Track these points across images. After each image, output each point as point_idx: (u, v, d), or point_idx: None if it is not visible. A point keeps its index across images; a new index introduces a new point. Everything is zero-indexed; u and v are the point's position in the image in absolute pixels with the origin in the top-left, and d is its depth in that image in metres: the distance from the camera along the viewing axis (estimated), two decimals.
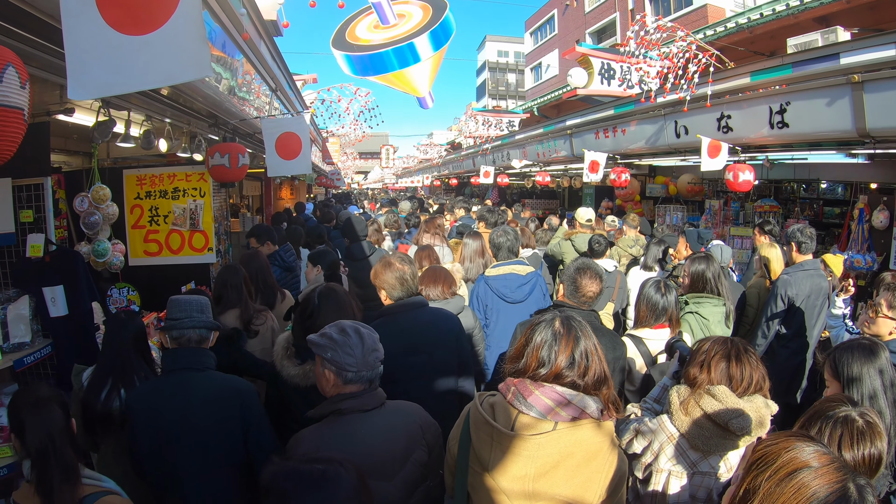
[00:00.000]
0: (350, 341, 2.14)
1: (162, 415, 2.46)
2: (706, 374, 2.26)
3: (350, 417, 2.11)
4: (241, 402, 2.53)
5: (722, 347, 2.31)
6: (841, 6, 7.10)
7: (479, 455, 1.93)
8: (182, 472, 2.46)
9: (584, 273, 3.26)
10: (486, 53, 56.12)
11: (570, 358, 1.88)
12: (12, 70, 1.96)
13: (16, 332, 3.63)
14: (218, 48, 3.58)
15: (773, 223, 5.97)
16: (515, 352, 1.99)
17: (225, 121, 5.43)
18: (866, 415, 1.88)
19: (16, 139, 2.03)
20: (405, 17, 4.46)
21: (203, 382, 2.54)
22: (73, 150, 6.27)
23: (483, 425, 1.92)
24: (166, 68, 2.11)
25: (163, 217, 5.59)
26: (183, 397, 2.47)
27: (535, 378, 1.89)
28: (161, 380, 2.62)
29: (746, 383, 2.22)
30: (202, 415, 2.46)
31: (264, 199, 12.75)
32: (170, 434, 2.44)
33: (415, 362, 3.07)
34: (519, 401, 1.87)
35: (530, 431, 1.84)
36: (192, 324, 2.62)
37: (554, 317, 1.98)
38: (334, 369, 2.13)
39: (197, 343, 2.64)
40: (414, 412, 2.32)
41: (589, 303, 3.27)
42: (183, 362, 2.56)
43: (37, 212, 3.97)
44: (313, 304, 2.88)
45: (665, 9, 22.09)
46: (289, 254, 5.81)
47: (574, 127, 9.99)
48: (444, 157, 24.71)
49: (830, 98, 5.12)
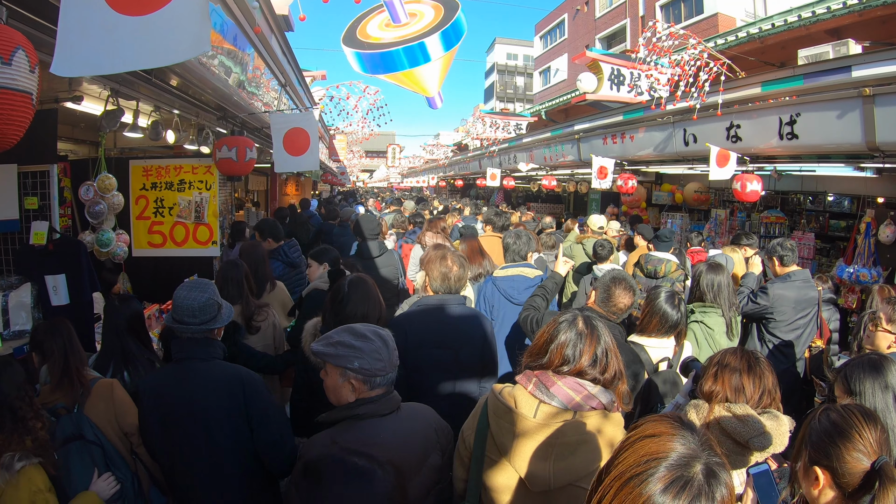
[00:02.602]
0: (375, 345, 2.06)
1: (167, 400, 2.54)
2: (720, 386, 2.25)
3: (367, 423, 2.04)
4: (244, 391, 2.56)
5: (733, 358, 2.30)
6: (853, 19, 7.09)
7: (500, 443, 1.99)
8: (187, 455, 2.54)
9: (619, 283, 3.29)
10: (496, 56, 56.08)
11: (592, 357, 1.97)
12: (22, 53, 1.94)
13: (17, 319, 3.63)
14: (229, 41, 3.57)
15: (752, 235, 5.97)
16: (537, 347, 2.06)
17: (233, 114, 5.43)
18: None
19: (23, 124, 2.00)
20: (417, 16, 4.45)
21: (208, 370, 2.59)
22: (80, 138, 6.27)
23: (505, 413, 1.98)
24: (161, 49, 2.08)
25: (168, 209, 5.58)
26: (188, 384, 2.54)
27: (558, 373, 1.97)
28: (169, 367, 2.69)
29: (760, 392, 2.21)
30: (205, 401, 2.52)
31: (269, 195, 12.75)
32: (175, 418, 2.52)
33: (440, 355, 3.16)
34: (541, 391, 1.95)
35: (552, 419, 1.92)
36: (197, 331, 2.66)
37: (576, 316, 2.06)
38: (362, 378, 2.04)
39: (203, 336, 2.68)
40: (428, 415, 2.28)
41: (619, 314, 3.28)
42: (190, 352, 2.62)
43: (42, 199, 3.97)
44: (343, 292, 2.93)
45: (676, 16, 22.07)
46: (293, 250, 5.79)
47: (582, 132, 9.98)
48: (450, 159, 24.68)
49: (841, 110, 5.11)
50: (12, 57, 1.90)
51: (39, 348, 2.76)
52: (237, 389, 2.56)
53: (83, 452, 2.58)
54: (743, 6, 19.78)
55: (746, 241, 5.83)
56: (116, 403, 2.75)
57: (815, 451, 1.74)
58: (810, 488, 1.74)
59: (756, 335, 4.80)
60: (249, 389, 2.57)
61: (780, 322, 4.62)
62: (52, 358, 2.69)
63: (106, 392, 2.74)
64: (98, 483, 2.55)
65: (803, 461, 1.78)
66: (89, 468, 2.57)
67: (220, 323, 2.74)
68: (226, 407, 2.53)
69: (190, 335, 2.62)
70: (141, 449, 2.80)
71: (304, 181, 16.25)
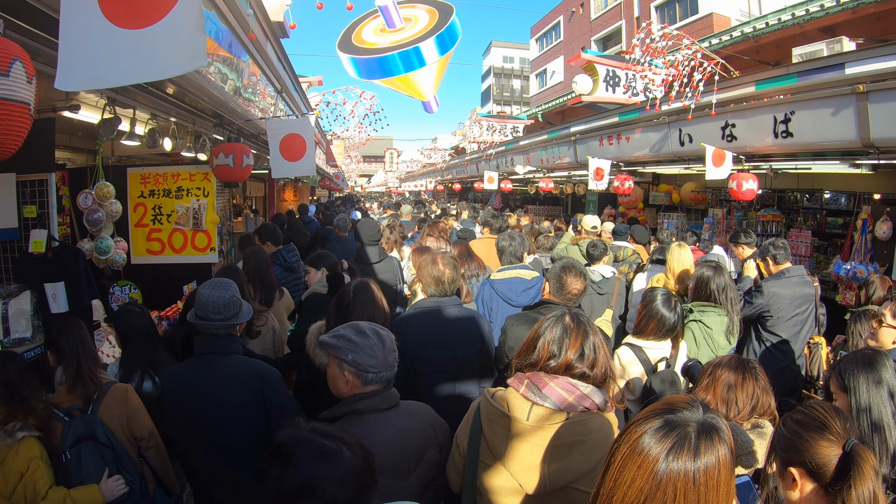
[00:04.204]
0: (371, 342, 2.17)
1: (186, 393, 2.70)
2: (712, 396, 2.26)
3: (367, 418, 2.13)
4: (262, 385, 2.71)
5: (727, 369, 2.29)
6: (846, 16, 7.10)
7: (493, 447, 1.98)
8: (207, 445, 2.69)
9: (569, 271, 3.36)
10: (492, 59, 56.14)
11: (579, 350, 1.97)
12: (19, 64, 1.96)
13: (17, 327, 3.64)
14: (224, 48, 3.59)
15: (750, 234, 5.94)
16: (525, 347, 2.07)
17: (230, 121, 5.44)
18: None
19: (21, 134, 2.03)
20: (411, 20, 4.46)
21: (226, 365, 2.74)
22: (77, 146, 6.29)
23: (498, 417, 1.98)
24: (159, 62, 2.11)
25: (166, 216, 5.60)
26: (209, 378, 2.69)
27: (546, 370, 1.97)
28: (191, 361, 2.81)
29: (752, 404, 2.22)
30: (222, 394, 2.66)
31: (268, 200, 12.77)
32: (192, 410, 2.67)
33: (439, 356, 3.23)
34: (533, 392, 1.94)
35: (545, 422, 1.91)
36: (221, 327, 2.78)
37: (563, 313, 2.08)
38: (355, 371, 2.15)
39: (226, 332, 2.82)
40: (426, 412, 2.36)
41: (574, 300, 3.36)
42: (212, 347, 2.76)
43: (40, 207, 3.99)
44: (348, 298, 3.03)
45: (671, 17, 22.15)
46: (291, 254, 5.81)
47: (578, 133, 10.00)
48: (448, 162, 24.68)
49: (835, 108, 5.12)
50: (10, 68, 1.92)
51: (54, 347, 2.84)
52: (255, 383, 2.70)
53: (94, 453, 2.68)
54: (737, 6, 19.86)
55: (745, 239, 5.80)
56: (130, 408, 2.85)
57: (784, 452, 1.73)
58: (788, 492, 1.72)
59: (754, 335, 4.80)
60: (268, 383, 2.73)
61: (778, 320, 4.62)
62: (66, 357, 2.78)
63: (121, 396, 2.83)
64: (108, 482, 2.64)
65: (777, 468, 1.78)
66: (100, 468, 2.67)
67: (241, 319, 2.88)
68: (245, 400, 2.68)
69: (213, 331, 2.76)
70: (149, 452, 2.92)
71: (302, 187, 16.27)
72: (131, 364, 3.21)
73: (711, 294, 3.97)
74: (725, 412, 2.23)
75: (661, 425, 1.20)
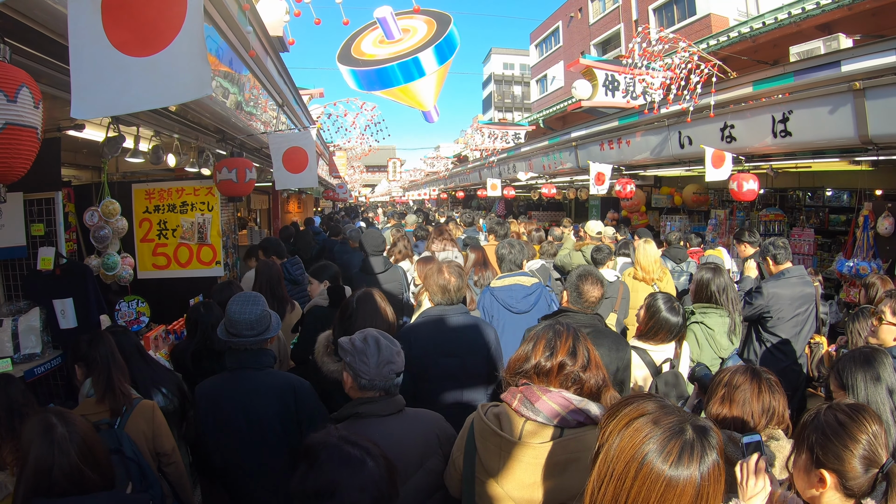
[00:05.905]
0: (368, 351, 2.25)
1: (223, 407, 2.76)
2: (727, 409, 2.19)
3: (367, 421, 2.20)
4: (294, 397, 2.78)
5: (743, 379, 2.22)
6: (843, 13, 7.14)
7: (487, 465, 1.96)
8: (243, 458, 2.77)
9: (586, 279, 3.38)
10: (492, 66, 56.29)
11: (570, 349, 1.99)
12: (26, 90, 2.02)
13: (27, 343, 3.69)
14: (225, 64, 3.64)
15: (754, 232, 5.95)
16: (517, 358, 2.06)
17: (232, 136, 5.50)
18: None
19: (30, 157, 2.08)
20: (410, 31, 4.51)
21: (261, 379, 2.81)
22: (82, 164, 6.35)
23: (490, 436, 1.95)
24: (169, 88, 2.15)
25: (171, 231, 5.66)
26: (243, 392, 2.76)
27: (540, 372, 1.97)
28: (225, 376, 2.86)
29: (768, 417, 2.17)
30: (259, 407, 2.73)
31: (272, 213, 12.84)
32: (231, 424, 2.74)
33: (447, 364, 3.25)
34: (526, 407, 1.91)
35: (538, 439, 1.88)
36: (254, 343, 2.84)
37: (554, 321, 2.13)
38: (352, 373, 2.27)
39: (259, 347, 2.88)
40: (433, 421, 2.38)
41: (592, 307, 3.38)
42: (245, 361, 2.83)
43: (48, 225, 4.05)
44: (351, 308, 3.11)
45: (669, 19, 22.16)
46: (295, 267, 5.84)
47: (579, 139, 10.05)
48: (450, 170, 24.78)
49: (832, 106, 5.13)
50: (17, 94, 1.97)
51: (84, 360, 2.85)
52: (289, 396, 2.77)
53: (119, 466, 2.68)
54: (735, 6, 19.84)
55: (749, 237, 5.82)
56: (155, 425, 2.89)
57: (822, 452, 1.69)
58: (810, 489, 1.70)
59: (754, 336, 4.79)
60: (300, 395, 2.80)
61: (779, 321, 4.61)
62: (97, 369, 2.80)
63: (148, 413, 2.88)
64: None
65: (804, 461, 1.75)
66: (123, 481, 2.67)
67: (272, 333, 2.93)
68: (279, 412, 2.75)
69: (247, 346, 2.82)
70: (169, 468, 2.96)
71: (306, 198, 16.34)
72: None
73: (712, 295, 3.98)
74: (742, 426, 2.16)
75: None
